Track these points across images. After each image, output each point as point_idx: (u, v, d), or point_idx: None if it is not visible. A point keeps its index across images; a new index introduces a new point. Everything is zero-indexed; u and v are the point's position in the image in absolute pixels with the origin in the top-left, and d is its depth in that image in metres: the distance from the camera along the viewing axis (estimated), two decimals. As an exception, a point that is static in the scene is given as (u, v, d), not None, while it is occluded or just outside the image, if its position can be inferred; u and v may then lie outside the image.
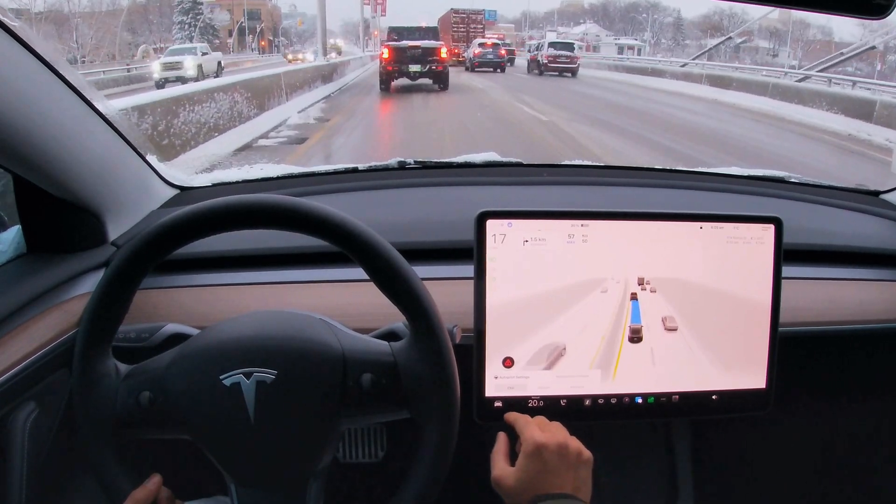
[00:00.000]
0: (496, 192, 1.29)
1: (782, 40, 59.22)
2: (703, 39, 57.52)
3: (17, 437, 0.76)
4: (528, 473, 0.71)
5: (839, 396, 1.23)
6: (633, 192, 1.31)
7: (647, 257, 0.86)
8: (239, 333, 0.69)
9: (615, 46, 53.31)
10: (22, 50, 0.73)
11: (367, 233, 0.66)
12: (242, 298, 0.97)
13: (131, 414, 0.68)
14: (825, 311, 1.05)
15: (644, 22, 67.82)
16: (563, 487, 0.70)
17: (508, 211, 0.83)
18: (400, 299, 0.68)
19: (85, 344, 0.68)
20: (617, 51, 49.80)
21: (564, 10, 77.57)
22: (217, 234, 0.68)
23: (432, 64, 16.42)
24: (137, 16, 49.34)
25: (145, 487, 0.68)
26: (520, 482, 0.71)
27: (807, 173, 1.52)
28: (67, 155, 0.85)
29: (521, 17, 79.92)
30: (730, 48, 52.70)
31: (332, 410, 0.68)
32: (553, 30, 63.31)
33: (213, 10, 55.28)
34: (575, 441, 0.74)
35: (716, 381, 0.89)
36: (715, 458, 1.23)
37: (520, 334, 0.84)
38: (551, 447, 0.72)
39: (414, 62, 16.19)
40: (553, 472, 0.71)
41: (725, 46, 51.84)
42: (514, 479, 0.72)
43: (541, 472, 0.71)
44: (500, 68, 25.76)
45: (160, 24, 51.29)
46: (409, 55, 16.09)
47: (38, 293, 0.85)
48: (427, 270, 0.96)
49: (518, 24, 78.29)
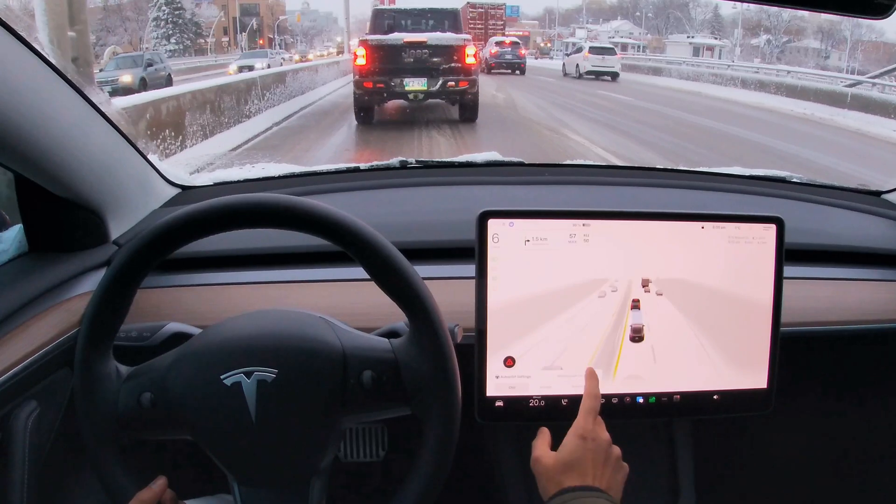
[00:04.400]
0: (498, 191, 1.29)
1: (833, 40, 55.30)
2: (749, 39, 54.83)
3: (18, 435, 0.76)
4: (571, 455, 0.72)
5: (841, 396, 1.23)
6: (635, 191, 1.30)
7: (648, 257, 0.86)
8: (239, 333, 0.69)
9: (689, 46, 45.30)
10: (23, 49, 0.73)
11: (365, 230, 0.66)
12: (244, 298, 0.97)
13: (133, 416, 0.68)
14: (827, 311, 1.05)
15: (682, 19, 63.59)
16: (595, 480, 0.71)
17: (510, 210, 0.83)
18: (399, 296, 0.68)
19: (86, 345, 0.68)
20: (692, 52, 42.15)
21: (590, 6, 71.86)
22: (218, 234, 0.68)
23: (449, 77, 8.96)
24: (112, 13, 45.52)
25: (151, 489, 0.68)
26: (559, 462, 0.72)
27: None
28: (69, 154, 0.85)
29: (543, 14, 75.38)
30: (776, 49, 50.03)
31: (334, 408, 0.68)
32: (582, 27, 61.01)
33: (200, 4, 50.37)
34: (619, 449, 0.76)
35: (717, 381, 0.89)
36: (717, 457, 1.23)
37: (521, 334, 0.84)
38: (600, 441, 0.74)
39: (415, 72, 8.91)
40: (593, 463, 0.72)
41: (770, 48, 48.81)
42: (554, 458, 0.73)
43: (582, 459, 0.72)
44: (520, 70, 23.81)
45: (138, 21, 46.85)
46: (405, 60, 8.94)
47: (39, 292, 0.85)
48: (428, 270, 0.96)
49: (542, 21, 74.64)
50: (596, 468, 0.72)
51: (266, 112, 10.53)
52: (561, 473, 0.72)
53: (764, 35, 53.94)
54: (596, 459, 0.73)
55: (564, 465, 0.72)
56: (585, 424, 0.75)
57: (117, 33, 45.89)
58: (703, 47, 45.58)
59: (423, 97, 9.23)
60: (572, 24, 68.58)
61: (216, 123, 8.78)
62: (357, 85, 9.18)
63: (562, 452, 0.73)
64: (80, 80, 0.85)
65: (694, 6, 64.86)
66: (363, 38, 9.49)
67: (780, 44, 49.23)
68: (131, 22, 47.39)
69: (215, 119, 8.80)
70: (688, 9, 65.00)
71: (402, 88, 9.06)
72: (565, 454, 0.73)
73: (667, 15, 64.62)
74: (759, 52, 51.99)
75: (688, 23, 63.04)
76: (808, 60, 50.10)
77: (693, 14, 64.84)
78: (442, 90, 9.14)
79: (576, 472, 0.71)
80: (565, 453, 0.73)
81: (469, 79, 9.15)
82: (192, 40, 44.28)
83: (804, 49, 55.55)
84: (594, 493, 0.69)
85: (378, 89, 9.10)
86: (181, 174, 1.23)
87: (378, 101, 9.52)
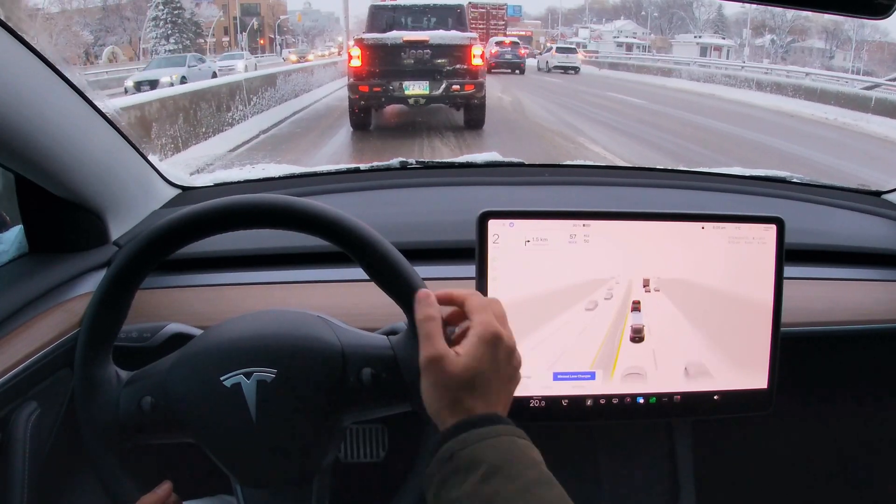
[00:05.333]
0: (498, 192, 1.29)
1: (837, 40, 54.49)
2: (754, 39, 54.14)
3: (19, 436, 0.76)
4: (478, 363, 0.57)
5: (841, 397, 1.23)
6: (635, 192, 1.30)
7: (648, 257, 0.86)
8: (237, 334, 0.69)
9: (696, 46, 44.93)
10: (24, 49, 0.73)
11: (362, 228, 0.66)
12: (244, 298, 0.97)
13: (134, 420, 0.68)
14: (827, 312, 1.05)
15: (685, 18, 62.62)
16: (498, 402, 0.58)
17: (510, 211, 0.83)
18: (397, 293, 0.67)
19: (86, 346, 0.68)
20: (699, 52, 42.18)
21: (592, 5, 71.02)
22: (219, 234, 0.68)
23: (454, 80, 8.18)
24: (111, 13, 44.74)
25: (155, 493, 0.68)
26: (466, 370, 0.57)
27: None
28: (69, 154, 0.85)
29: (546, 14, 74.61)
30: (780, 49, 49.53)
31: (334, 406, 0.68)
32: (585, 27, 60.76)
33: (200, 4, 49.02)
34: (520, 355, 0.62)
35: (717, 382, 0.89)
36: (716, 457, 1.23)
37: (521, 334, 0.84)
38: (504, 345, 0.59)
39: (416, 75, 8.12)
40: (496, 373, 0.59)
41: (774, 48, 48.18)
42: (462, 366, 0.57)
43: (487, 370, 0.58)
44: (520, 69, 24.90)
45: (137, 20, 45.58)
46: (405, 61, 8.12)
47: (39, 293, 0.85)
48: (428, 270, 0.96)
49: (545, 21, 73.79)
50: (500, 384, 0.59)
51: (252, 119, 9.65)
52: (463, 386, 0.57)
53: (768, 35, 53.68)
54: (500, 369, 0.59)
55: (469, 375, 0.57)
56: (489, 324, 0.59)
57: (116, 33, 45.33)
58: (711, 47, 44.86)
59: (424, 102, 8.32)
60: (575, 23, 68.18)
61: (190, 134, 7.77)
62: (352, 89, 8.30)
63: (467, 358, 0.57)
64: (82, 80, 0.85)
65: (698, 6, 64.35)
66: (358, 37, 8.55)
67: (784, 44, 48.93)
68: (130, 22, 46.74)
69: (189, 129, 7.80)
70: (692, 8, 64.53)
71: (401, 92, 8.14)
72: (472, 361, 0.57)
73: (670, 15, 64.12)
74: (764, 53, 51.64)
75: (691, 22, 62.56)
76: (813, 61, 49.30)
77: (697, 14, 64.45)
78: (445, 94, 8.23)
79: (478, 391, 0.57)
80: (472, 360, 0.57)
81: (475, 82, 8.31)
82: (191, 40, 44.00)
83: (808, 49, 54.88)
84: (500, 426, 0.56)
85: (375, 93, 8.20)
86: (181, 175, 1.23)
87: (375, 105, 8.65)
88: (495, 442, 0.54)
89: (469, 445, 0.54)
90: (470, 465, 0.53)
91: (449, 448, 0.54)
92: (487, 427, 0.55)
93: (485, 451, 0.53)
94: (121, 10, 45.42)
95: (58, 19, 35.40)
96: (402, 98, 8.29)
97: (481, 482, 0.52)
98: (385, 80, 8.13)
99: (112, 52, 34.47)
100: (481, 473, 0.52)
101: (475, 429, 0.55)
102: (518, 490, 0.51)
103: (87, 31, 41.07)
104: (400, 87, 8.16)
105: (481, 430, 0.55)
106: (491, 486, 0.51)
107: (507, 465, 0.53)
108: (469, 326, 0.60)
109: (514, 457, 0.54)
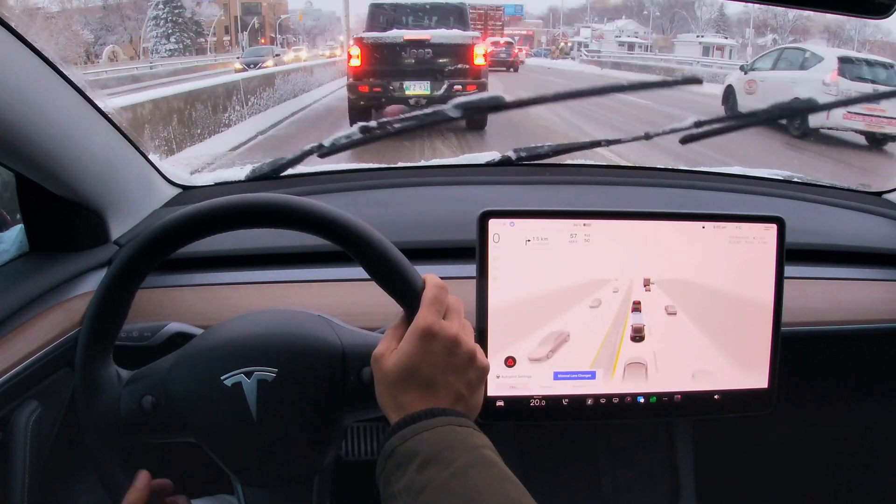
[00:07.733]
0: (498, 191, 1.29)
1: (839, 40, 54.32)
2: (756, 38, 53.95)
3: (19, 435, 0.76)
4: (409, 358, 0.59)
5: (842, 396, 1.23)
6: (636, 191, 1.30)
7: (649, 257, 0.86)
8: (238, 333, 0.69)
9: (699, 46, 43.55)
10: (24, 48, 0.73)
11: (361, 226, 0.66)
12: (245, 297, 0.97)
13: (135, 420, 0.68)
14: (828, 311, 1.05)
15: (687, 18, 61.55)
16: (438, 395, 0.59)
17: (510, 210, 0.83)
18: (397, 292, 0.67)
19: (87, 346, 0.68)
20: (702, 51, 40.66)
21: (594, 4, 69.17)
22: (219, 234, 0.68)
23: (456, 79, 8.00)
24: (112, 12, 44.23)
25: (135, 488, 0.66)
26: (397, 367, 0.59)
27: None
28: (70, 153, 0.85)
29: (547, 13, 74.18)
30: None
31: (335, 405, 0.68)
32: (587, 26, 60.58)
33: (200, 3, 48.70)
34: (472, 343, 0.62)
35: (718, 381, 0.89)
36: (717, 457, 1.23)
37: (522, 334, 0.84)
38: (441, 337, 0.59)
39: (417, 74, 7.99)
40: (434, 367, 0.59)
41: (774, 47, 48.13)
42: (391, 361, 0.59)
43: (421, 364, 0.59)
44: (514, 67, 26.29)
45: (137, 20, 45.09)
46: (406, 60, 7.99)
47: (40, 292, 0.85)
48: (429, 270, 0.95)
49: (546, 20, 73.02)
50: (442, 377, 0.59)
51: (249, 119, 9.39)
52: (397, 383, 0.59)
53: (770, 34, 53.52)
54: (439, 363, 0.59)
55: (401, 372, 0.59)
56: (422, 318, 0.60)
57: (116, 32, 45.02)
58: (714, 47, 44.15)
59: (425, 103, 7.69)
60: (576, 23, 67.98)
61: (185, 136, 7.47)
62: (351, 89, 8.12)
63: (399, 355, 0.59)
64: (82, 79, 0.85)
65: (700, 5, 64.04)
66: (357, 36, 8.38)
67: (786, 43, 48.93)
68: (131, 21, 46.52)
69: (184, 131, 7.49)
70: (693, 8, 64.33)
71: (401, 93, 7.92)
72: (402, 357, 0.59)
73: (672, 14, 63.87)
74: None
75: (693, 22, 62.32)
76: (817, 61, 49.43)
77: (699, 13, 64.22)
78: (447, 95, 7.70)
79: (414, 383, 0.59)
80: (402, 356, 0.59)
81: (478, 82, 8.06)
82: (192, 39, 43.98)
83: (809, 49, 54.75)
84: (437, 418, 0.56)
85: (375, 94, 7.98)
86: (182, 174, 1.23)
87: (375, 106, 8.28)
88: (430, 434, 0.56)
89: (406, 440, 0.56)
90: (406, 458, 0.55)
91: (390, 445, 0.56)
92: (424, 421, 0.56)
93: (420, 443, 0.55)
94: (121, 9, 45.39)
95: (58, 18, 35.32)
96: (402, 98, 8.08)
97: (417, 472, 0.53)
98: (385, 80, 7.99)
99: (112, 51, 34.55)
100: (417, 464, 0.54)
101: (413, 424, 0.56)
102: (451, 475, 0.52)
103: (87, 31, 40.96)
104: (400, 88, 8.03)
105: (417, 424, 0.56)
106: (424, 475, 0.53)
107: (440, 453, 0.54)
108: None
109: (450, 445, 0.55)
